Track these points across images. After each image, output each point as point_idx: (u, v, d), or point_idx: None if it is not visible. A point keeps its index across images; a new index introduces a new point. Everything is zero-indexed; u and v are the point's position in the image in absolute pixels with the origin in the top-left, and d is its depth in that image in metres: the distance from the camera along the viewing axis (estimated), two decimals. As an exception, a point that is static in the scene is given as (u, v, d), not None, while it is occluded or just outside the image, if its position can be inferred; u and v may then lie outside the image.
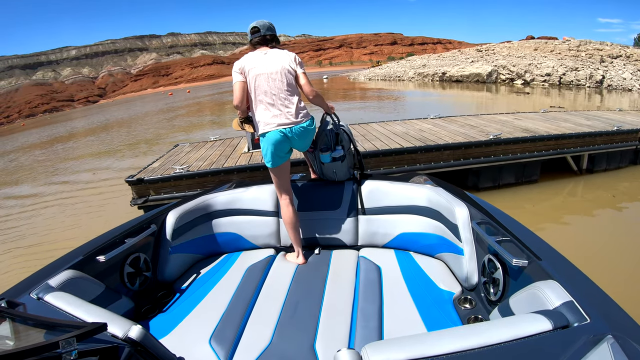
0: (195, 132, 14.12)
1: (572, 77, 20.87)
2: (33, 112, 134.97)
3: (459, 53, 34.85)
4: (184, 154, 5.91)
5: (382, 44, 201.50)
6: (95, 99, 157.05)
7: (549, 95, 17.46)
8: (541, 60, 23.80)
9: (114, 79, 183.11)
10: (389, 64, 48.14)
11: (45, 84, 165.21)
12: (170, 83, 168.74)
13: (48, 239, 5.45)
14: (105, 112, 44.29)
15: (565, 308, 1.07)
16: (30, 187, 9.13)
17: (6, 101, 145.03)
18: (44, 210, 6.83)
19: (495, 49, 30.95)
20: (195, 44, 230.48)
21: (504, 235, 1.58)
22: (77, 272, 1.59)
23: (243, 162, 4.88)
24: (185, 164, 5.04)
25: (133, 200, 4.76)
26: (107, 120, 30.17)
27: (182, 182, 4.72)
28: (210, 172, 4.68)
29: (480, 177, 5.01)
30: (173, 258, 2.13)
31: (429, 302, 1.75)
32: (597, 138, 5.43)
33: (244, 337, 1.59)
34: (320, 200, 2.32)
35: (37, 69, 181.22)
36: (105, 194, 7.25)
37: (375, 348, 0.90)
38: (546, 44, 27.55)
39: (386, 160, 4.72)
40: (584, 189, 5.36)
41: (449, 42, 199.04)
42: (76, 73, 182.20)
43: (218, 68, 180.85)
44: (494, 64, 25.74)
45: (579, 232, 4.11)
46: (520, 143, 4.90)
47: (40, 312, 1.25)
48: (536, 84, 22.18)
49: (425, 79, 30.16)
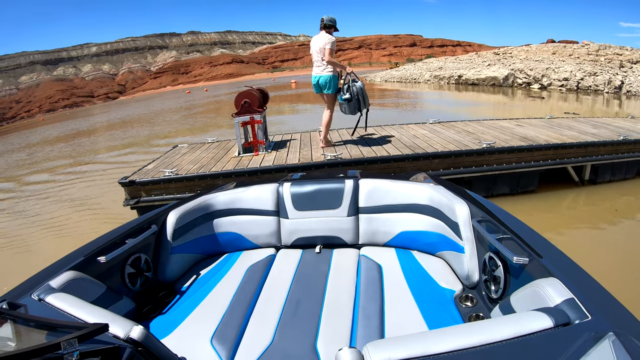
0: (204, 131, 14.23)
1: (590, 82, 20.30)
2: (53, 107, 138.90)
3: (476, 56, 34.26)
4: (179, 155, 5.93)
5: (402, 45, 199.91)
6: (115, 95, 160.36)
7: (566, 100, 16.98)
8: (559, 65, 23.22)
9: (133, 76, 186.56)
10: (405, 66, 47.73)
11: (65, 79, 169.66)
12: (189, 81, 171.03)
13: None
14: (124, 109, 45.02)
15: (566, 305, 1.08)
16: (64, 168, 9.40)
17: (27, 96, 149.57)
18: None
19: (512, 52, 30.34)
20: (214, 43, 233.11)
21: (505, 233, 1.59)
22: (78, 273, 1.60)
23: (230, 167, 4.86)
24: (177, 167, 5.05)
25: (126, 201, 4.82)
26: (126, 116, 30.66)
27: (171, 185, 4.73)
28: (198, 177, 4.68)
29: (472, 186, 4.83)
30: (174, 258, 2.14)
31: (430, 300, 1.76)
32: (601, 148, 5.14)
33: (245, 337, 1.61)
34: (321, 199, 2.32)
35: (58, 65, 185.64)
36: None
37: (376, 346, 0.90)
38: (565, 47, 26.85)
39: (372, 168, 4.61)
40: (585, 201, 5.11)
41: (469, 44, 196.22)
42: (96, 69, 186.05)
43: (237, 67, 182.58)
44: (511, 68, 25.24)
45: (574, 244, 3.94)
46: (515, 152, 4.72)
47: (41, 313, 1.25)
48: (553, 88, 21.65)
49: (441, 82, 29.79)
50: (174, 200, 4.63)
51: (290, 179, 2.46)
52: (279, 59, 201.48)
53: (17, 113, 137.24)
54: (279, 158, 5.08)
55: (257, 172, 4.68)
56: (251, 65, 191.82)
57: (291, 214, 2.34)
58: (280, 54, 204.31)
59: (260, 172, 4.68)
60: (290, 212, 2.34)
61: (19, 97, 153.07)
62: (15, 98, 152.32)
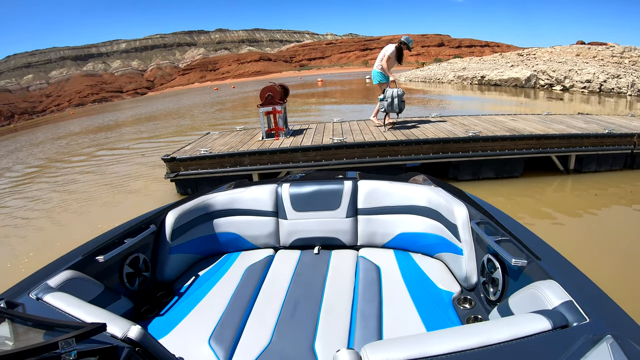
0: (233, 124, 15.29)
1: (612, 85, 20.21)
2: (82, 101, 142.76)
3: (500, 57, 34.19)
4: (211, 140, 6.92)
5: (429, 45, 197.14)
6: (143, 91, 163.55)
7: (588, 102, 16.92)
8: (582, 66, 23.15)
9: (162, 72, 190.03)
10: (430, 66, 47.75)
11: (95, 74, 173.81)
12: (217, 78, 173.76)
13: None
14: (153, 104, 46.91)
15: (564, 308, 1.08)
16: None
17: (57, 90, 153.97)
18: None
19: (536, 54, 30.19)
20: (242, 41, 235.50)
21: (503, 235, 1.60)
22: (76, 272, 1.60)
23: (255, 148, 5.79)
24: (210, 148, 6.01)
25: (167, 174, 5.78)
26: (155, 110, 32.31)
27: (205, 161, 5.66)
28: (228, 155, 5.60)
29: (460, 169, 5.56)
30: (172, 258, 2.16)
31: (428, 302, 1.77)
32: (585, 140, 5.59)
33: (243, 337, 1.62)
34: (320, 200, 2.33)
35: (87, 61, 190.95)
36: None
37: (374, 348, 0.91)
38: (589, 49, 26.63)
39: (371, 151, 5.42)
40: (565, 186, 5.57)
41: (497, 45, 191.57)
42: (125, 65, 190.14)
43: (264, 65, 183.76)
44: (534, 69, 25.22)
45: (553, 226, 4.33)
46: (499, 141, 5.38)
47: (39, 312, 1.25)
48: (575, 90, 21.60)
49: (465, 82, 29.98)
50: (207, 174, 5.59)
51: (289, 180, 2.48)
52: (307, 57, 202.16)
53: (47, 107, 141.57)
54: (295, 142, 5.97)
55: (276, 151, 5.59)
56: (279, 63, 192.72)
57: (290, 214, 2.35)
58: (308, 53, 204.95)
59: (279, 152, 5.58)
60: (289, 213, 2.35)
61: (49, 91, 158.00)
62: (45, 92, 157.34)
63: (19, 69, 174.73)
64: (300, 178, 2.54)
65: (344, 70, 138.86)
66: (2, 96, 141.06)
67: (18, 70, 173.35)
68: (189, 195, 2.45)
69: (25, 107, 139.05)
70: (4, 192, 8.84)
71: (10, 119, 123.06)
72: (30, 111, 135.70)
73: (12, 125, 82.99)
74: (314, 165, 5.60)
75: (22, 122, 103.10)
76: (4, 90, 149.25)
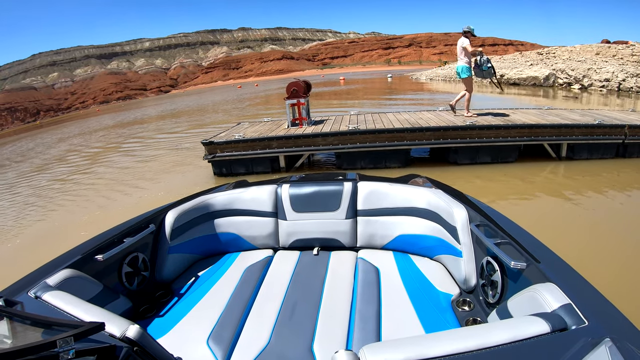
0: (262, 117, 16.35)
1: (631, 84, 20.29)
2: (107, 99, 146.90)
3: (520, 55, 34.23)
4: (243, 128, 7.94)
5: (452, 44, 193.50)
6: (167, 89, 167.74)
7: (607, 102, 16.70)
8: (601, 65, 23.21)
9: (185, 70, 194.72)
10: (451, 65, 47.72)
11: (119, 73, 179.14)
12: (240, 76, 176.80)
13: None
14: (178, 101, 48.33)
15: (563, 311, 1.09)
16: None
17: (82, 88, 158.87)
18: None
19: (556, 53, 30.20)
20: (265, 39, 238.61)
21: (503, 237, 1.60)
22: (75, 271, 1.60)
23: (281, 134, 6.74)
24: (242, 134, 6.99)
25: (205, 156, 6.78)
26: (182, 107, 33.76)
27: (239, 145, 6.63)
28: (258, 139, 6.57)
29: (459, 154, 6.34)
30: (171, 258, 2.16)
31: (427, 304, 1.76)
32: (575, 130, 6.10)
33: (241, 338, 1.62)
34: (319, 202, 2.33)
35: (112, 59, 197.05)
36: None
37: (373, 349, 0.91)
38: (609, 48, 26.54)
39: (381, 136, 6.27)
40: (557, 171, 6.05)
41: (521, 44, 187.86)
42: (149, 64, 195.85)
43: (287, 63, 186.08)
44: (553, 68, 25.35)
45: (539, 205, 4.82)
46: (494, 129, 6.11)
47: (37, 311, 1.26)
48: (594, 89, 21.70)
49: (484, 80, 30.10)
50: (240, 156, 6.55)
51: (288, 181, 2.47)
52: (329, 56, 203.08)
53: (72, 104, 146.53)
54: (316, 129, 6.90)
55: (300, 137, 6.53)
56: (301, 61, 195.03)
57: (289, 215, 2.35)
58: (330, 51, 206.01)
59: (303, 137, 6.52)
60: (289, 214, 2.35)
61: (74, 89, 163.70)
62: (70, 90, 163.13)
63: (44, 67, 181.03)
64: (300, 179, 2.53)
65: (366, 69, 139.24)
66: (28, 94, 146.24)
67: (43, 69, 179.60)
68: (189, 195, 2.47)
69: (51, 105, 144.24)
70: (84, 165, 11.07)
71: (36, 116, 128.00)
72: (56, 108, 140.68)
73: (38, 122, 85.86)
74: (332, 148, 6.48)
75: (47, 118, 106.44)
76: (30, 88, 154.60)
